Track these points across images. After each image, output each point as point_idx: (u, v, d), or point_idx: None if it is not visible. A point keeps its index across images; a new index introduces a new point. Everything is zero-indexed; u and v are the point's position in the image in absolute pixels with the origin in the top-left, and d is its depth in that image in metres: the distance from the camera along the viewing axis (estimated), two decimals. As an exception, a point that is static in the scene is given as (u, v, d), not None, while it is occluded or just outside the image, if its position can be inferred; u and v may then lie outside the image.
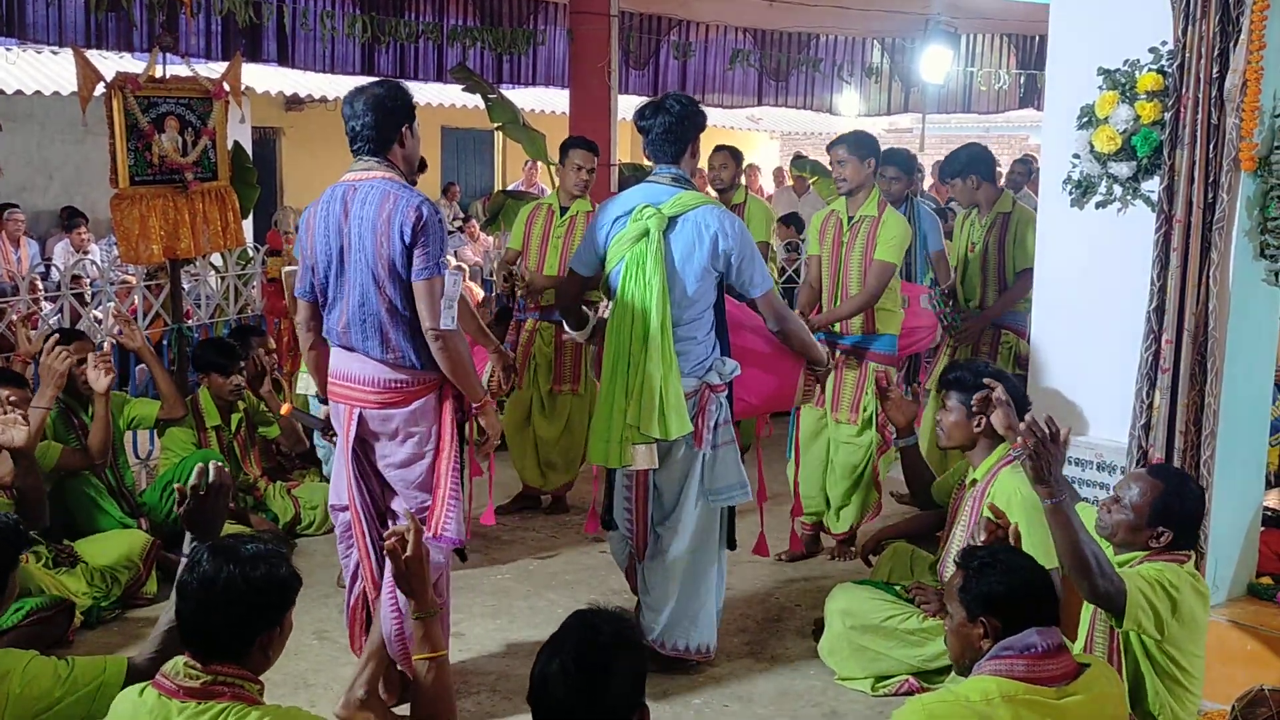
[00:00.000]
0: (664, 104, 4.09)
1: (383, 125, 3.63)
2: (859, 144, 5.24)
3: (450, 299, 3.61)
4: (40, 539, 4.58)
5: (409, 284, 3.56)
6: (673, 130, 4.06)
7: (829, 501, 5.46)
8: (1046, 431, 3.04)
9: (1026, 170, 10.44)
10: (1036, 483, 3.05)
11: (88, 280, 7.59)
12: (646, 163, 4.18)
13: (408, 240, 3.51)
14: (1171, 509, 3.29)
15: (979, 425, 4.09)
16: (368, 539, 3.81)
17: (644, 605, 4.22)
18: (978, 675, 2.71)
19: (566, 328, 4.49)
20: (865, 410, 5.28)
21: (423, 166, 3.68)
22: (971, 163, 5.90)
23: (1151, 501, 3.28)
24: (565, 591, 5.07)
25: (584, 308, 4.43)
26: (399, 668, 3.83)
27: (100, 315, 6.95)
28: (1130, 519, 3.31)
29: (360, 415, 3.71)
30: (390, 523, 3.75)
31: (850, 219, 5.26)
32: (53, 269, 8.05)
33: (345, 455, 3.75)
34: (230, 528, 5.30)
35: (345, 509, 3.85)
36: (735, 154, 6.38)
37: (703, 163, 5.56)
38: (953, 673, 3.23)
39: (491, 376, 4.84)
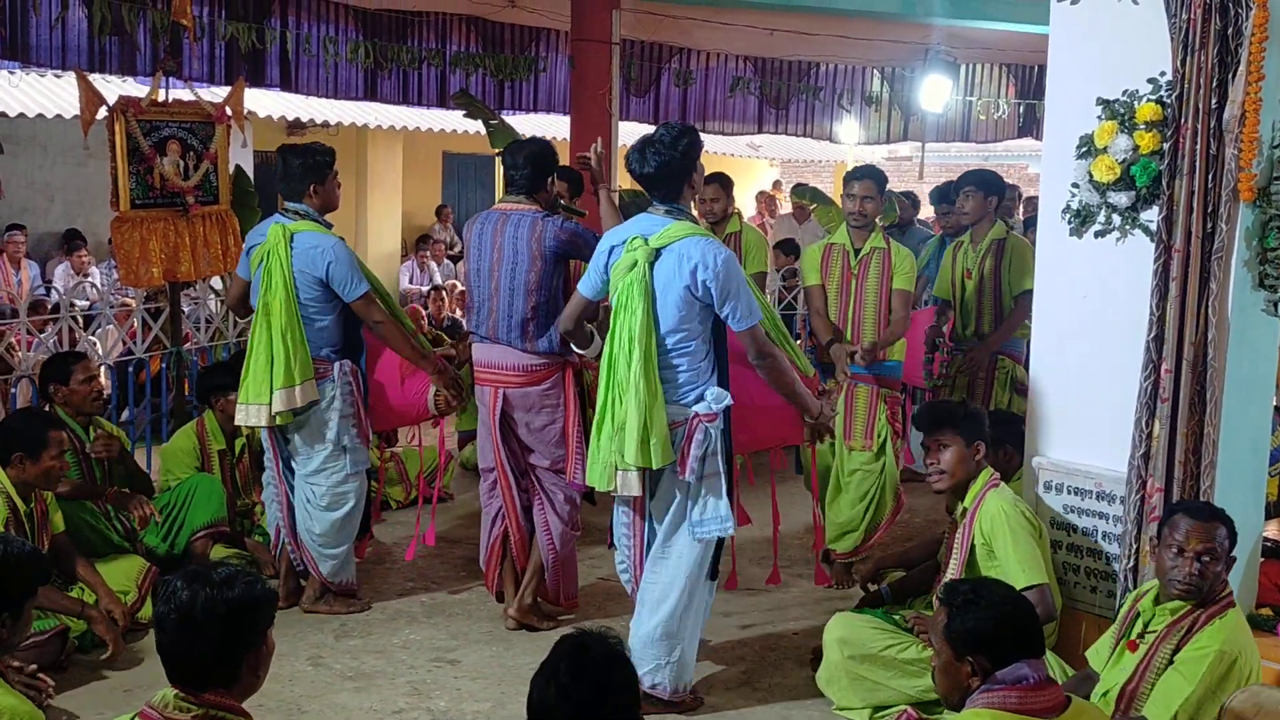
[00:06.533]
0: (644, 155, 4.03)
1: (536, 176, 4.74)
2: (881, 180, 5.42)
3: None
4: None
5: (552, 291, 4.61)
6: (657, 181, 4.05)
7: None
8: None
9: (1014, 195, 10.60)
10: None
11: (87, 303, 7.59)
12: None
13: (555, 246, 4.60)
14: (1234, 538, 3.39)
15: (976, 453, 4.12)
16: (513, 490, 4.82)
17: (632, 634, 4.14)
18: (971, 709, 2.69)
19: (574, 347, 4.57)
20: (880, 436, 5.32)
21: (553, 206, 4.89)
22: (998, 187, 6.03)
23: (1226, 539, 3.35)
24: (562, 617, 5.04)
25: (590, 326, 4.49)
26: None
27: (96, 339, 6.95)
28: (1219, 567, 3.34)
29: (504, 394, 4.70)
30: (531, 475, 4.83)
31: (858, 251, 5.33)
32: (53, 291, 8.06)
33: (493, 426, 4.75)
34: (225, 551, 5.30)
35: (492, 469, 4.86)
36: (726, 184, 6.34)
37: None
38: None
39: (437, 394, 4.97)
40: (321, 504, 4.92)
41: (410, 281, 13.57)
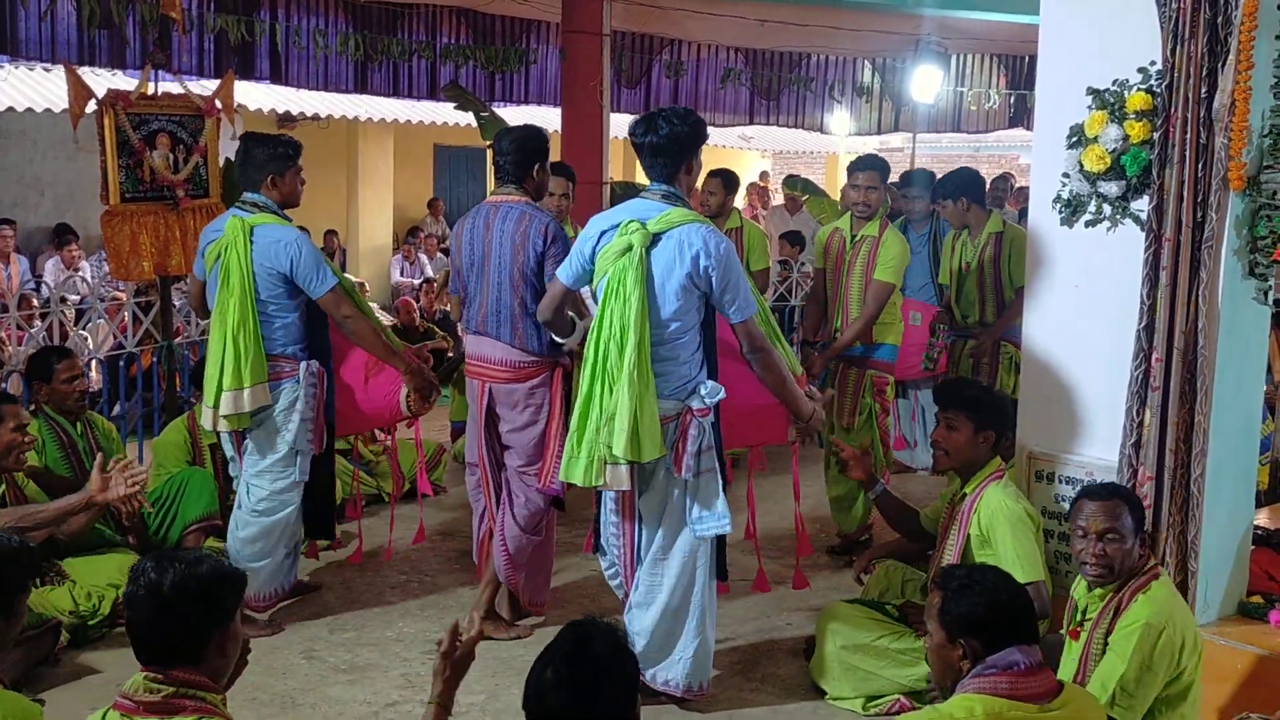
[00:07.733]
0: (654, 122, 3.90)
1: (522, 162, 4.56)
2: (885, 170, 5.50)
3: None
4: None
5: (537, 286, 4.40)
6: (663, 150, 3.89)
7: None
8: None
9: (1006, 186, 10.62)
10: None
11: (77, 297, 7.57)
12: (639, 180, 4.18)
13: (540, 250, 4.41)
14: (1139, 514, 3.40)
15: (984, 442, 4.12)
16: (492, 485, 4.71)
17: (629, 632, 4.05)
18: (961, 694, 2.70)
19: (555, 337, 4.41)
20: (862, 413, 5.48)
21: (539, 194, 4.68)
22: (963, 186, 6.14)
23: (1129, 516, 3.34)
24: (555, 609, 5.03)
25: (572, 315, 4.35)
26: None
27: (87, 334, 6.93)
28: (1128, 545, 3.32)
29: (490, 389, 4.58)
30: (502, 474, 4.67)
31: (853, 238, 5.41)
32: (43, 285, 8.03)
33: (479, 421, 4.63)
34: (218, 545, 5.29)
35: (475, 464, 4.75)
36: (726, 180, 6.34)
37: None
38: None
39: (408, 397, 4.86)
40: (258, 508, 4.71)
41: (401, 275, 13.55)
